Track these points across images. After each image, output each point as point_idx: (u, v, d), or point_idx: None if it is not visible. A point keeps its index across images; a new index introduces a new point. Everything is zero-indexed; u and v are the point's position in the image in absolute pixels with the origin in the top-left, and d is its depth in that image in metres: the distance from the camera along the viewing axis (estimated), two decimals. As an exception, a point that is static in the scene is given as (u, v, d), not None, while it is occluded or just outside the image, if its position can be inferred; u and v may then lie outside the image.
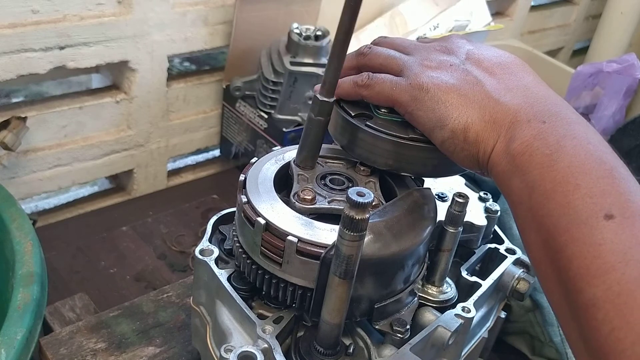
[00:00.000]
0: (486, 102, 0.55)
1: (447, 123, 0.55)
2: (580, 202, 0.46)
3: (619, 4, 1.78)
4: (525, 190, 0.50)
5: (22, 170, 1.02)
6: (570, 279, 0.46)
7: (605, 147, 0.50)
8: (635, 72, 1.28)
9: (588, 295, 0.44)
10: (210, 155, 1.34)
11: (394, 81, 0.58)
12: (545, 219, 0.48)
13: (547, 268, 0.49)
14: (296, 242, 0.55)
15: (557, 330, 0.79)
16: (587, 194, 0.46)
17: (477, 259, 0.72)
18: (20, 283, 0.68)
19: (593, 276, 0.44)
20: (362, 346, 0.61)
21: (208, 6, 1.10)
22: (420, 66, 0.58)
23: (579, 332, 0.46)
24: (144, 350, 0.75)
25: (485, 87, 0.56)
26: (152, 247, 1.02)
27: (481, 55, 0.59)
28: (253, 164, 0.64)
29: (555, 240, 0.47)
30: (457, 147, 0.55)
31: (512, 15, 1.75)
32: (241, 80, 1.16)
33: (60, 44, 0.95)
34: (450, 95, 0.55)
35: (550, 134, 0.50)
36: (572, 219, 0.46)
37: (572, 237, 0.46)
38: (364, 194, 0.47)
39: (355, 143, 0.61)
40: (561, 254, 0.46)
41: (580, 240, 0.45)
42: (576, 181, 0.47)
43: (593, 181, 0.47)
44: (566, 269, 0.46)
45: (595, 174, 0.47)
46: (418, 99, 0.56)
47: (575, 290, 0.45)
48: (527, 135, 0.51)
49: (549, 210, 0.48)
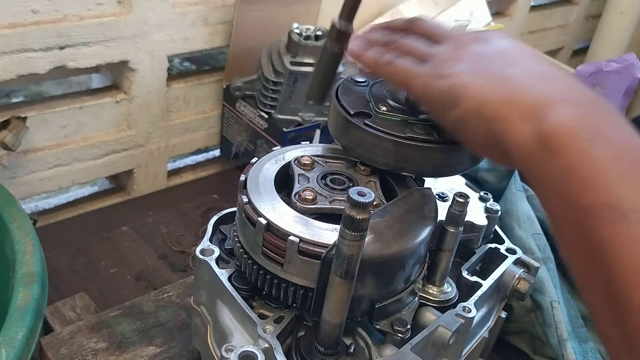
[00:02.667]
0: (510, 81, 0.52)
1: (461, 102, 0.52)
2: (626, 193, 0.43)
3: (619, 4, 1.78)
4: (560, 175, 0.46)
5: (22, 170, 1.02)
6: (619, 276, 0.42)
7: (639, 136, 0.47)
8: (635, 72, 1.28)
9: None
10: (211, 155, 1.34)
11: (414, 67, 0.57)
12: (585, 210, 0.44)
13: (586, 263, 0.45)
14: (298, 242, 0.55)
15: (554, 332, 0.79)
16: (633, 185, 0.43)
17: (477, 258, 0.72)
18: (20, 283, 0.68)
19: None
20: (362, 346, 0.61)
21: (208, 6, 1.10)
22: (446, 56, 0.57)
23: (624, 337, 0.42)
24: (144, 350, 0.75)
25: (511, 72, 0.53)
26: (153, 247, 1.02)
27: (512, 47, 0.57)
28: (253, 164, 0.64)
29: (598, 233, 0.43)
30: (470, 124, 0.53)
31: (512, 15, 1.75)
32: (241, 80, 1.16)
33: (60, 44, 0.95)
34: (470, 78, 0.53)
35: (589, 118, 0.47)
36: (617, 211, 0.43)
37: (619, 231, 0.42)
38: (364, 194, 0.47)
39: (356, 142, 0.61)
40: (606, 249, 0.43)
41: (630, 234, 0.42)
42: (620, 171, 0.44)
43: (637, 172, 0.44)
44: (612, 266, 0.42)
45: (638, 164, 0.44)
46: (433, 86, 0.55)
47: (624, 289, 0.42)
48: (563, 116, 0.48)
49: (589, 200, 0.44)
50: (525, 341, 0.88)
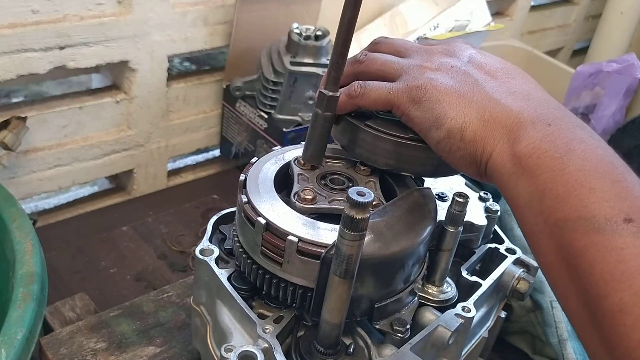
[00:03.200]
0: (486, 102, 0.54)
1: (444, 122, 0.54)
2: (598, 206, 0.45)
3: (619, 4, 1.78)
4: (534, 194, 0.49)
5: (22, 170, 1.02)
6: (593, 284, 0.44)
7: (612, 152, 0.50)
8: (635, 72, 1.28)
9: (614, 300, 0.43)
10: (210, 155, 1.34)
11: (389, 86, 0.58)
12: (561, 223, 0.47)
13: (562, 273, 0.47)
14: (297, 241, 0.55)
15: (554, 332, 0.79)
16: (604, 198, 0.45)
17: (477, 258, 0.72)
18: (20, 283, 0.68)
19: (618, 281, 0.43)
20: (362, 346, 0.61)
21: (208, 6, 1.10)
22: (419, 68, 0.57)
23: (602, 340, 0.44)
24: (144, 350, 0.75)
25: (485, 88, 0.55)
26: (152, 247, 1.02)
27: (483, 60, 0.58)
28: (253, 164, 0.64)
29: (573, 245, 0.46)
30: (453, 146, 0.54)
31: (512, 15, 1.75)
32: (241, 80, 1.16)
33: (60, 44, 0.95)
34: (448, 96, 0.54)
35: (558, 136, 0.50)
36: (590, 223, 0.45)
37: (591, 241, 0.45)
38: (364, 194, 0.47)
39: (356, 143, 0.61)
40: (581, 259, 0.45)
41: (602, 244, 0.44)
42: (590, 185, 0.46)
43: (608, 185, 0.46)
44: (587, 274, 0.45)
45: (608, 177, 0.47)
46: (415, 100, 0.56)
47: (598, 295, 0.44)
48: (534, 137, 0.50)
49: (564, 215, 0.47)
50: (525, 341, 0.88)
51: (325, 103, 0.58)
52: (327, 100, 0.58)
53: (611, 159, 0.48)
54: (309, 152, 0.62)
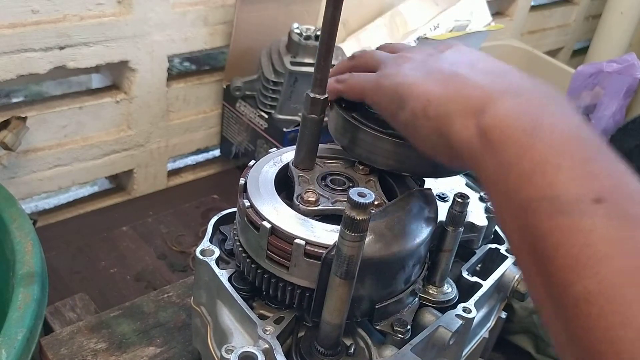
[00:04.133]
0: (453, 78, 0.52)
1: (408, 102, 0.53)
2: (564, 185, 0.41)
3: (619, 4, 1.78)
4: (500, 170, 0.45)
5: (22, 170, 1.02)
6: (557, 270, 0.40)
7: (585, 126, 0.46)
8: (635, 72, 1.28)
9: (578, 288, 0.39)
10: (211, 155, 1.34)
11: (367, 75, 0.59)
12: (525, 204, 0.43)
13: (528, 258, 0.43)
14: (304, 244, 0.54)
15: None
16: (571, 176, 0.42)
17: (477, 259, 0.72)
18: (20, 283, 0.68)
19: (583, 267, 0.39)
20: (363, 346, 0.61)
21: (208, 6, 1.10)
22: (395, 61, 0.58)
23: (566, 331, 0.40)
24: (144, 350, 0.75)
25: (454, 67, 0.53)
26: (152, 247, 1.02)
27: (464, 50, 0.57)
28: (251, 167, 0.63)
29: (537, 227, 0.42)
30: (418, 125, 0.52)
31: (512, 15, 1.75)
32: (241, 80, 1.16)
33: (60, 44, 0.95)
34: (414, 77, 0.54)
35: (526, 109, 0.46)
36: (555, 203, 0.41)
37: (556, 224, 0.41)
38: (365, 195, 0.47)
39: (355, 143, 0.61)
40: (544, 242, 0.41)
41: (567, 227, 0.40)
42: (558, 161, 0.42)
43: (578, 162, 0.42)
44: (551, 258, 0.41)
45: (579, 154, 0.43)
46: (382, 87, 0.56)
47: (562, 283, 0.40)
48: (501, 108, 0.47)
49: (528, 194, 0.43)
50: (528, 340, 0.88)
51: (309, 105, 0.58)
52: (310, 102, 0.58)
53: (583, 134, 0.45)
54: (299, 156, 0.62)
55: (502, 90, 0.49)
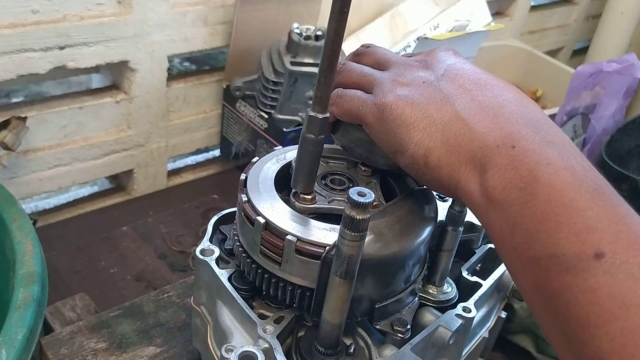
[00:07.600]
0: (453, 123, 0.51)
1: (408, 148, 0.52)
2: (566, 242, 0.42)
3: (619, 4, 1.78)
4: (505, 227, 0.46)
5: (22, 170, 1.02)
6: (572, 328, 0.42)
7: (583, 166, 0.46)
8: (635, 72, 1.28)
9: (592, 347, 0.40)
10: (211, 155, 1.34)
11: (361, 99, 0.56)
12: (534, 261, 0.44)
13: (545, 313, 0.45)
14: (295, 241, 0.55)
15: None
16: (572, 232, 0.42)
17: (477, 258, 0.72)
18: (20, 283, 0.68)
19: (595, 326, 0.40)
20: (362, 346, 0.61)
21: (208, 6, 1.10)
22: (391, 83, 0.55)
23: None
24: (144, 350, 0.75)
25: (455, 106, 0.52)
26: (153, 247, 1.02)
27: (460, 71, 0.55)
28: (254, 164, 0.64)
29: (548, 285, 0.43)
30: (419, 172, 0.53)
31: (512, 15, 1.75)
32: (241, 80, 1.16)
33: (60, 44, 0.95)
34: (414, 117, 0.52)
35: (521, 162, 0.46)
36: (561, 262, 0.42)
37: (565, 283, 0.42)
38: (365, 194, 0.47)
39: (355, 143, 0.61)
40: (557, 300, 0.42)
41: (574, 286, 0.41)
42: (557, 218, 0.43)
43: (576, 215, 0.43)
44: (566, 317, 0.42)
45: (576, 205, 0.43)
46: (381, 120, 0.54)
47: (579, 341, 0.41)
48: (498, 164, 0.47)
49: (535, 252, 0.44)
50: (528, 340, 0.88)
51: (307, 124, 0.54)
52: (308, 120, 0.54)
53: (580, 179, 0.45)
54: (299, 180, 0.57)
55: (500, 139, 0.48)
